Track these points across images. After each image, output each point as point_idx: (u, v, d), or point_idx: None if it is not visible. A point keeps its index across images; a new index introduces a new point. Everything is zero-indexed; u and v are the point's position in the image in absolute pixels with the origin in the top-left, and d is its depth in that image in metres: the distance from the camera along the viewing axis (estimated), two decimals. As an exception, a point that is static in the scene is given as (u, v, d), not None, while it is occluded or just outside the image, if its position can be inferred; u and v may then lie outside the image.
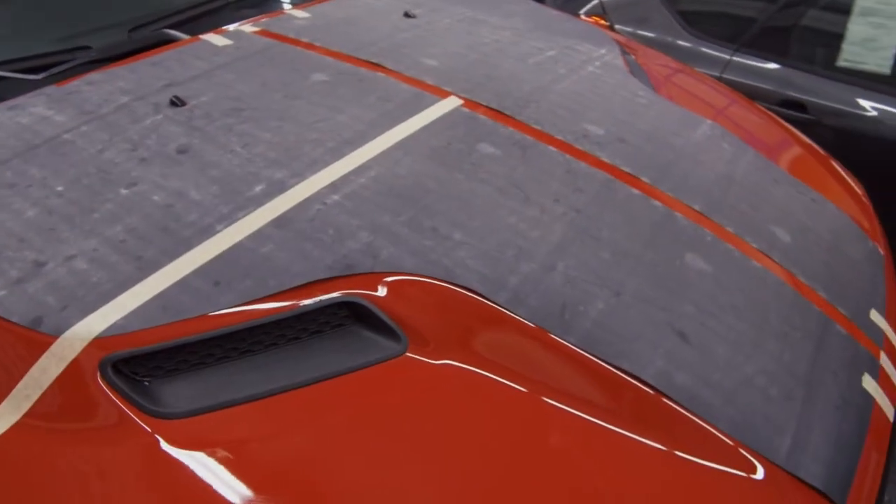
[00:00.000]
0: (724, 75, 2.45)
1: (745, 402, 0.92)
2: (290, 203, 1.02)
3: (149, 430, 0.80)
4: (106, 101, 1.23)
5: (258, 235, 0.97)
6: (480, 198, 1.09)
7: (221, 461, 0.79)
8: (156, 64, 1.34)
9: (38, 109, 1.20)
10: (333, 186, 1.06)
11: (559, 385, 0.90)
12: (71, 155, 1.09)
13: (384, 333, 0.91)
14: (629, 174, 1.21)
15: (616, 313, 0.96)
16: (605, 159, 1.23)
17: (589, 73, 1.52)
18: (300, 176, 1.07)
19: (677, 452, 0.87)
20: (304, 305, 0.90)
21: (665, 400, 0.90)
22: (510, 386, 0.89)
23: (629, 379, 0.90)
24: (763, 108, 1.80)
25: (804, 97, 2.34)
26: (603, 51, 1.64)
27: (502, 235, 1.03)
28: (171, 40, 1.47)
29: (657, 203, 1.17)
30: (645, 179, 1.21)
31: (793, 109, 2.34)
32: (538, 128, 1.27)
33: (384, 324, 0.91)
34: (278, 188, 1.05)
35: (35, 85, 1.30)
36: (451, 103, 1.30)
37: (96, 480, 0.78)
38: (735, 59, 2.46)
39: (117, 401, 0.81)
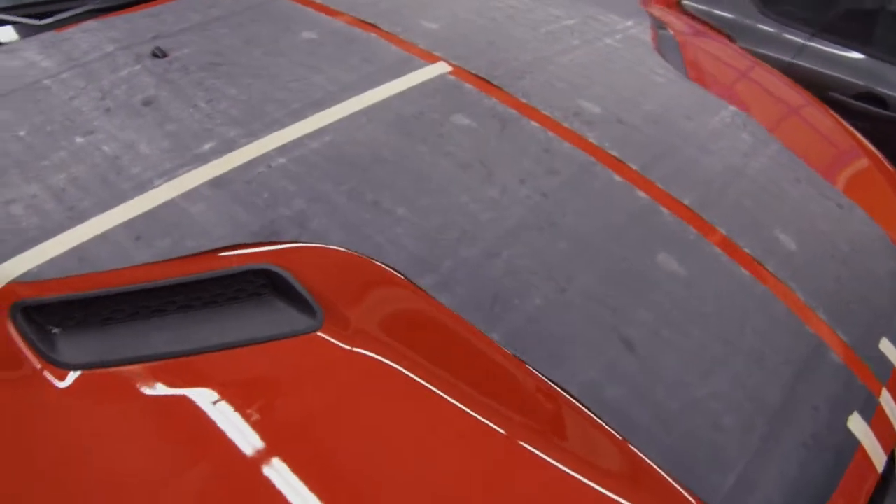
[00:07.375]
0: (797, 61, 2.22)
1: (687, 429, 0.81)
2: (235, 163, 0.99)
3: (50, 378, 0.80)
4: (93, 49, 1.23)
5: (193, 194, 0.94)
6: (438, 172, 1.01)
7: (114, 417, 0.78)
8: (152, 15, 1.33)
9: (30, 54, 1.22)
10: (283, 149, 1.01)
11: (472, 383, 0.82)
12: (43, 101, 1.10)
13: (299, 307, 0.86)
14: (615, 158, 1.10)
15: (555, 310, 0.87)
16: (593, 140, 1.12)
17: (605, 45, 1.39)
18: (253, 136, 1.03)
19: (588, 482, 0.77)
20: (219, 270, 0.86)
21: (591, 415, 0.80)
22: (419, 384, 0.81)
23: (554, 386, 0.81)
24: (828, 108, 1.58)
25: (887, 92, 2.08)
26: (629, 23, 1.50)
27: (449, 215, 0.95)
28: (175, -9, 1.45)
29: (640, 193, 1.05)
30: (633, 166, 1.09)
31: (871, 104, 2.09)
32: (525, 101, 1.17)
33: (300, 296, 0.86)
34: (227, 147, 1.01)
35: (40, 30, 1.32)
36: (438, 69, 1.22)
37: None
38: (811, 44, 2.22)
39: (22, 347, 0.81)
